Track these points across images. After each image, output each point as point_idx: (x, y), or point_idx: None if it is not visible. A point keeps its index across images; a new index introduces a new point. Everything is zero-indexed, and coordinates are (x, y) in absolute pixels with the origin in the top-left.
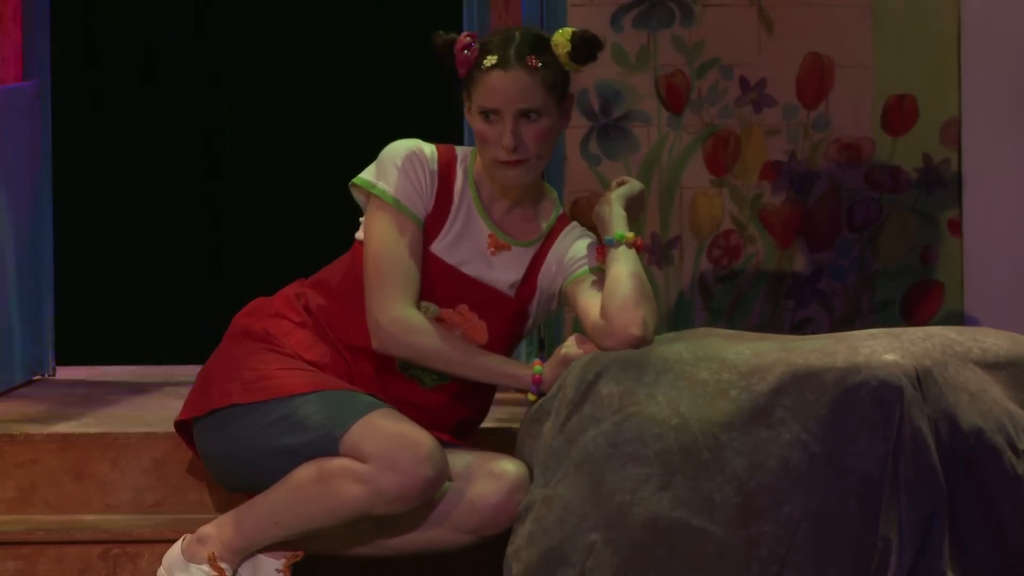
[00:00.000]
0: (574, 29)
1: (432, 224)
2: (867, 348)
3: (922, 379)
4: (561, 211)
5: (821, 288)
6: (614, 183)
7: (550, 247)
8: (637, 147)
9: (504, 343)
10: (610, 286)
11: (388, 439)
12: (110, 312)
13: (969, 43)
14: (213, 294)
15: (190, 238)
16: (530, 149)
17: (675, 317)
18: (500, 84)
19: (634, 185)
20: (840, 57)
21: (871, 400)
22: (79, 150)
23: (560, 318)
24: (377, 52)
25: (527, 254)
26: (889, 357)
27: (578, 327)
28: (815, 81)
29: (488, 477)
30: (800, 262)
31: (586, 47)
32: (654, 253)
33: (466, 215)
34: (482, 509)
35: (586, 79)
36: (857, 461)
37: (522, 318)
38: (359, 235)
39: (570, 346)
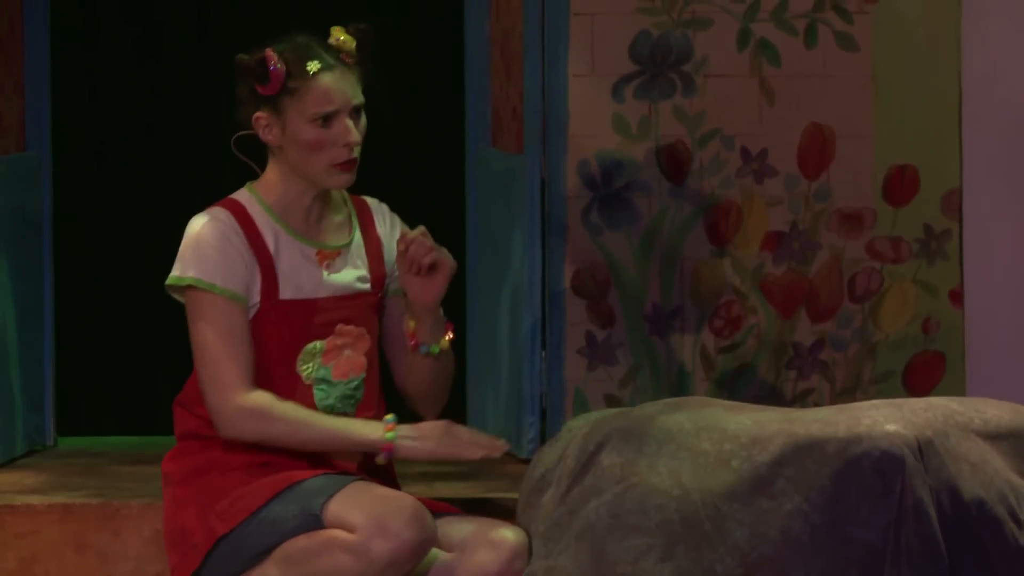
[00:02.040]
0: (343, 27)
1: (267, 276)
2: (869, 418)
3: (924, 450)
4: (346, 194)
5: (822, 359)
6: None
7: (371, 225)
8: (638, 217)
9: (377, 339)
10: (418, 380)
11: (371, 505)
12: (111, 383)
13: (970, 113)
14: None
15: None
16: (359, 146)
17: (676, 388)
18: (335, 85)
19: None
20: (841, 127)
21: (873, 470)
22: (79, 219)
23: (561, 386)
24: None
25: (356, 245)
26: (891, 427)
27: (579, 408)
28: (816, 151)
29: (487, 546)
30: (801, 332)
31: (367, 37)
32: (656, 323)
33: (287, 249)
34: None
35: (587, 149)
36: (859, 532)
37: (381, 305)
38: None
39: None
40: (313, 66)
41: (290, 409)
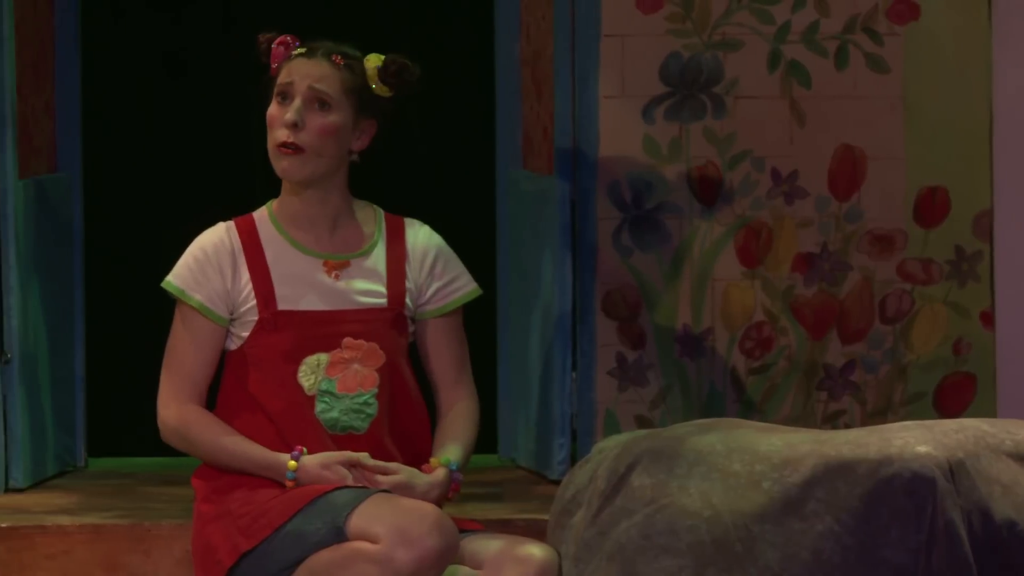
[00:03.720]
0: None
1: (263, 288)
2: (900, 440)
3: (955, 471)
4: (380, 212)
5: (853, 380)
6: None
7: (400, 241)
8: (669, 239)
9: (400, 356)
10: (446, 427)
11: (394, 514)
12: (141, 403)
13: (1001, 135)
14: None
15: None
16: (310, 139)
17: (707, 409)
18: (300, 66)
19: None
20: (872, 149)
21: (904, 492)
22: (111, 239)
23: (592, 408)
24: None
25: (374, 258)
26: (922, 449)
27: (610, 429)
28: (847, 173)
29: (514, 563)
30: (832, 354)
31: (395, 67)
32: (686, 345)
33: (287, 260)
34: None
35: (618, 170)
36: (890, 553)
37: (402, 322)
38: (229, 346)
39: (365, 458)
40: (298, 51)
41: (207, 433)
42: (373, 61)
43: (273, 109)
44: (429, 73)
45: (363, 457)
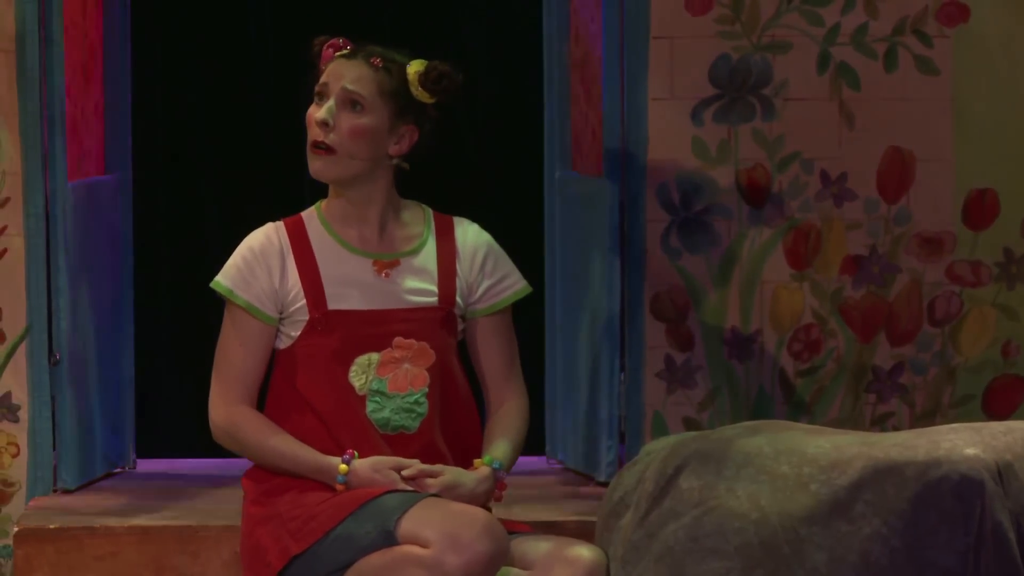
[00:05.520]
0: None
1: (312, 288)
2: (948, 442)
3: (1003, 473)
4: (429, 211)
5: (902, 382)
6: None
7: (450, 240)
8: (718, 241)
9: (450, 355)
10: (495, 425)
11: (444, 519)
12: (190, 405)
13: None
14: None
15: None
16: (342, 140)
17: (755, 411)
18: (337, 67)
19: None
20: (921, 151)
21: (952, 494)
22: (160, 242)
23: (640, 410)
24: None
25: (424, 257)
26: (970, 451)
27: (658, 431)
28: (896, 175)
29: (563, 564)
30: (881, 356)
31: (436, 73)
32: (735, 347)
33: (337, 261)
34: None
35: (667, 172)
36: (938, 555)
37: (452, 320)
38: (278, 345)
39: (413, 466)
40: (341, 53)
41: (257, 435)
42: (415, 66)
43: (311, 109)
44: (478, 76)
45: (411, 466)
